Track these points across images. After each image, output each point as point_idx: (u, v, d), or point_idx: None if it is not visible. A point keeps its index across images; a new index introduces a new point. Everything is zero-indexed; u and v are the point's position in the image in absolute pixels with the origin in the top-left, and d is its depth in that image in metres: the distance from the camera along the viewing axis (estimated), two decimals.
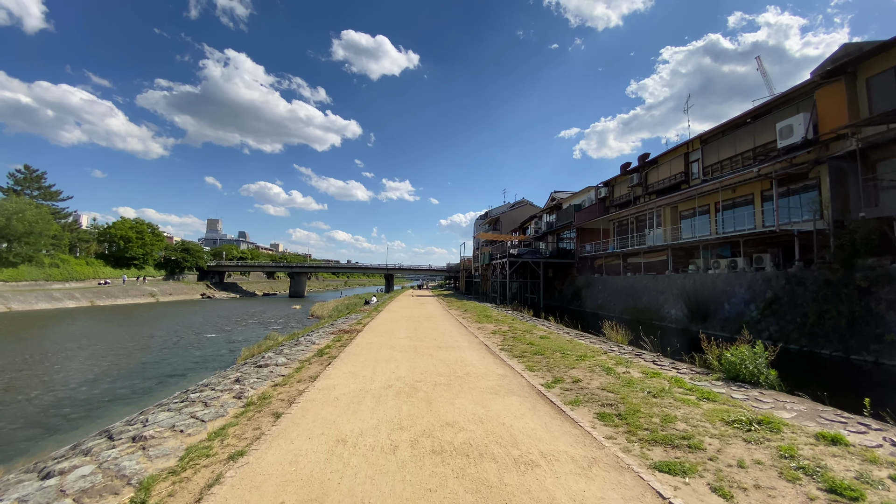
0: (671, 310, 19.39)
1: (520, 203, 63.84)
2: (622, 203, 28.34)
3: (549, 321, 15.08)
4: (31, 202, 54.10)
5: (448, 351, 8.89)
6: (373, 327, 13.21)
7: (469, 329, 12.75)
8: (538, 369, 7.03)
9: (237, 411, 5.16)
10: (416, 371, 6.97)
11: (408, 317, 17.11)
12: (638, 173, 25.99)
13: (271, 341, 19.75)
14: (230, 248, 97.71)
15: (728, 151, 20.13)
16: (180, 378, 13.25)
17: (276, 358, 8.51)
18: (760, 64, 41.70)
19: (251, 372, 7.46)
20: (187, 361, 17.62)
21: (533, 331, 11.62)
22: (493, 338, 10.79)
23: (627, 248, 24.71)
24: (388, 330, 12.56)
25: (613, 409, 4.90)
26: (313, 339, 10.91)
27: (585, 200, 32.09)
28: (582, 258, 29.81)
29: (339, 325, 14.43)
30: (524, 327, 12.44)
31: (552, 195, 39.99)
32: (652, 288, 21.52)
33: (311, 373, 6.98)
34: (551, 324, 14.19)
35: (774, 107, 18.12)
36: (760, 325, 14.81)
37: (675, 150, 23.59)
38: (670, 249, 21.14)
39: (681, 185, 23.07)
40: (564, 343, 9.41)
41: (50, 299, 47.79)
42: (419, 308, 22.63)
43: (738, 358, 6.40)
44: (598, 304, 26.03)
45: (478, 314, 17.53)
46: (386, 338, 10.82)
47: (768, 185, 17.89)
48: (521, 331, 11.61)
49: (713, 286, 17.63)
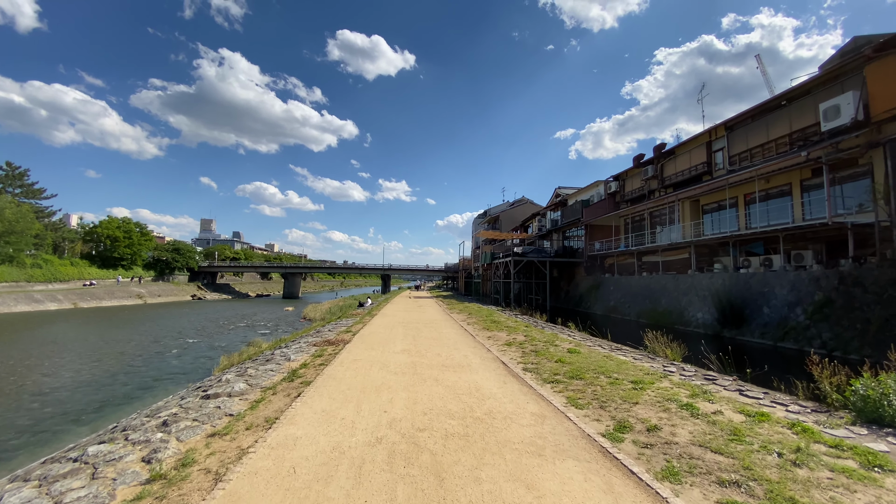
0: (697, 313, 17.50)
1: (520, 201, 61.98)
2: (635, 198, 26.46)
3: (568, 328, 13.11)
4: (13, 200, 51.83)
5: (457, 372, 6.92)
6: (364, 337, 11.23)
7: (477, 339, 10.79)
8: (586, 404, 5.08)
9: (129, 494, 3.18)
10: (418, 409, 4.99)
11: (405, 322, 15.13)
12: (653, 165, 24.09)
13: (254, 348, 18.00)
14: (223, 248, 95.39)
15: (759, 138, 18.26)
16: (136, 400, 11.23)
17: (233, 383, 6.52)
18: (760, 63, 40.26)
19: (193, 406, 5.48)
20: (159, 372, 15.76)
21: (555, 341, 9.67)
22: (509, 351, 8.83)
23: (643, 245, 22.79)
24: (382, 340, 10.58)
25: (746, 494, 2.96)
26: (289, 354, 8.92)
27: (594, 196, 30.15)
28: (591, 257, 27.90)
29: (324, 334, 12.42)
30: (543, 336, 10.49)
31: (556, 191, 38.09)
32: (673, 289, 19.63)
33: (271, 411, 5.00)
34: (573, 331, 12.22)
35: (814, 86, 16.26)
36: (810, 331, 12.93)
37: (696, 140, 21.71)
38: (693, 247, 19.24)
39: (702, 176, 21.19)
40: (602, 360, 7.47)
41: (30, 301, 45.59)
42: (417, 311, 20.64)
43: (877, 391, 4.48)
44: (609, 307, 24.13)
45: (484, 319, 15.58)
46: (378, 352, 8.84)
47: (808, 173, 16.04)
48: (541, 341, 9.66)
49: (747, 287, 15.75)
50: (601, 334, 12.96)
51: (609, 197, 28.19)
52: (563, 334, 11.14)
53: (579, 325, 14.38)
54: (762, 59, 40.67)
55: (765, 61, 35.69)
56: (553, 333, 11.03)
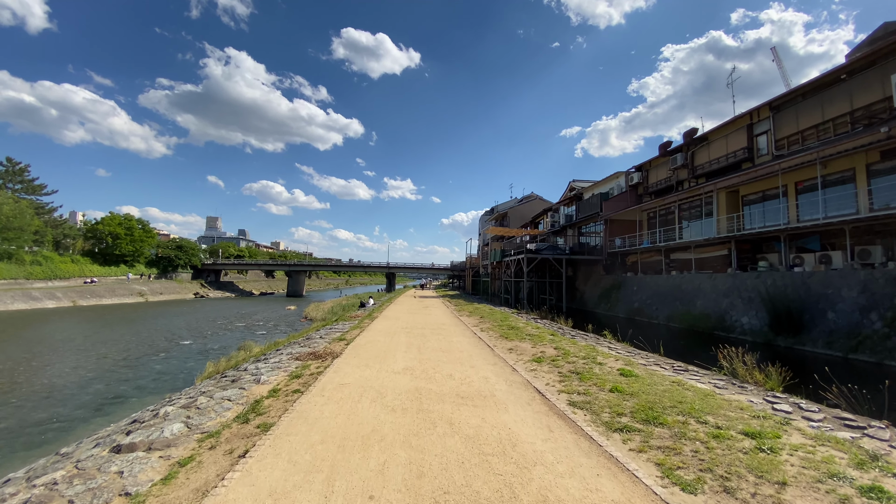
0: (741, 317, 15.37)
1: (528, 197, 59.86)
2: (660, 189, 24.27)
3: (604, 337, 11.06)
4: (12, 196, 50.89)
5: (479, 408, 5.00)
6: (359, 348, 9.33)
7: (496, 351, 8.85)
8: (695, 483, 3.11)
9: None
10: (425, 490, 3.07)
11: (409, 327, 13.24)
12: (683, 153, 21.88)
13: (245, 352, 16.61)
14: (227, 245, 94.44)
15: (811, 118, 16.04)
16: (81, 424, 9.47)
17: (169, 422, 4.66)
18: (776, 55, 38.09)
19: (88, 468, 3.63)
20: (136, 381, 14.50)
21: (596, 357, 7.69)
22: (540, 371, 6.89)
23: (674, 241, 20.61)
24: (380, 353, 8.67)
25: None
26: (263, 371, 7.05)
27: (614, 188, 27.93)
28: (611, 254, 25.75)
29: (314, 342, 10.52)
30: (578, 349, 8.51)
31: (571, 184, 35.89)
32: (709, 289, 17.49)
33: (190, 490, 3.11)
34: (612, 342, 10.15)
35: (880, 56, 14.03)
36: (891, 341, 10.80)
37: (734, 123, 19.49)
38: (734, 242, 17.08)
39: (742, 163, 18.98)
40: (673, 389, 5.49)
41: (28, 299, 44.59)
42: (423, 313, 18.74)
43: None
44: (633, 309, 22.02)
45: (499, 324, 13.63)
46: (373, 371, 6.95)
47: (876, 156, 13.82)
48: (579, 357, 7.69)
49: (805, 288, 13.60)
50: (618, 336, 10.97)
51: (630, 189, 26.02)
52: (600, 346, 9.13)
53: (605, 331, 12.37)
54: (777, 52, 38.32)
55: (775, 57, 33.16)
56: (590, 346, 9.03)
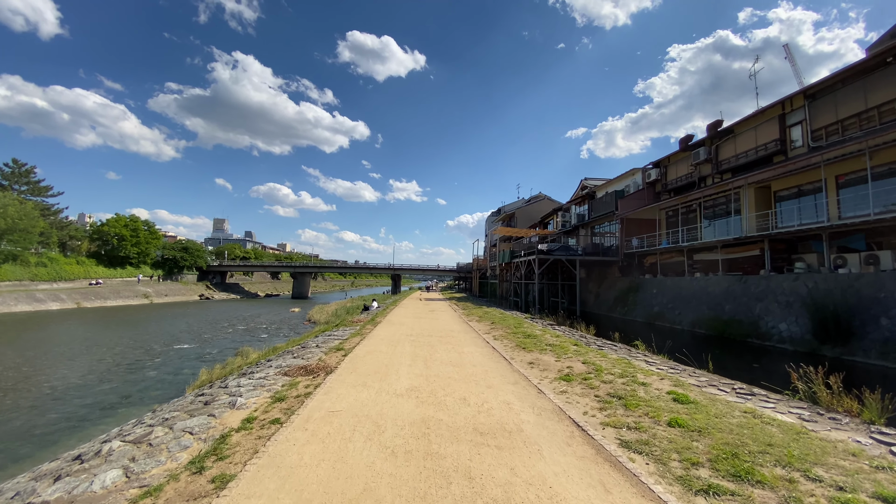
0: (779, 323, 14.01)
1: (536, 198, 58.72)
2: (680, 186, 22.91)
3: (636, 348, 9.79)
4: (17, 197, 50.74)
5: (504, 451, 3.83)
6: (357, 360, 8.21)
7: (515, 365, 7.67)
8: None
9: None
10: None
11: (414, 335, 12.10)
12: (706, 147, 20.52)
13: (242, 358, 15.96)
14: (233, 247, 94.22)
15: (852, 106, 14.66)
16: (78, 430, 8.45)
17: (104, 470, 3.58)
18: (789, 52, 36.65)
19: None
20: (124, 391, 13.66)
21: (636, 374, 6.48)
22: (573, 393, 5.70)
23: (698, 240, 19.24)
24: (381, 367, 7.54)
25: None
26: (239, 393, 5.95)
27: (630, 185, 26.57)
28: (627, 255, 24.41)
29: (308, 351, 9.37)
30: (610, 364, 7.30)
31: (583, 182, 34.54)
32: (740, 293, 16.12)
33: None
34: (650, 355, 8.85)
35: None
36: None
37: (763, 114, 18.11)
38: (768, 242, 15.72)
39: (773, 156, 17.61)
40: (752, 424, 4.28)
41: (32, 301, 44.24)
42: (429, 318, 17.60)
43: None
44: (653, 313, 20.67)
45: (513, 331, 12.43)
46: (371, 392, 5.81)
47: None
48: (615, 375, 6.49)
49: (853, 292, 12.23)
50: (651, 347, 9.72)
51: (648, 186, 24.66)
52: (635, 360, 7.89)
53: (637, 341, 11.12)
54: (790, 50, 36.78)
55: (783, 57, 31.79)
56: (623, 359, 7.80)
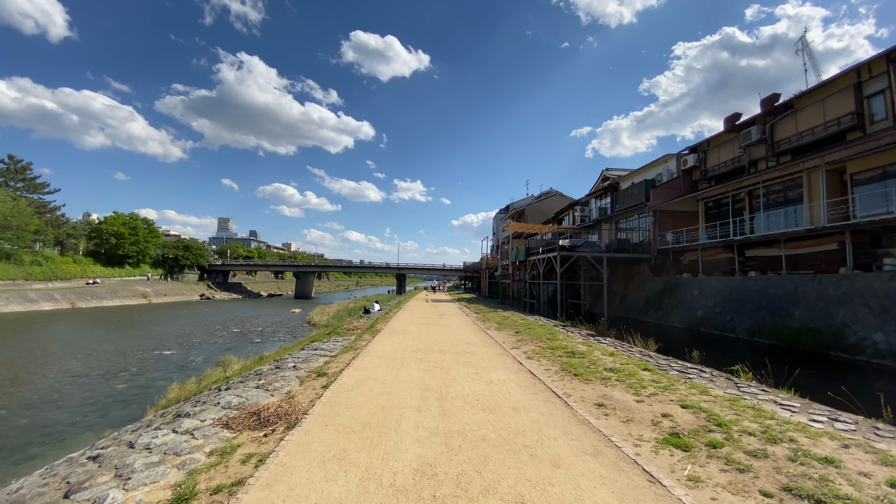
0: (871, 333, 11.25)
1: (547, 193, 56.18)
2: (724, 173, 20.10)
3: (734, 375, 7.00)
4: (10, 194, 49.11)
5: None
6: (341, 397, 5.67)
7: (581, 412, 5.11)
8: None
9: None
10: None
11: (422, 349, 9.56)
12: (758, 126, 17.70)
13: (220, 370, 12.97)
14: (236, 246, 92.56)
15: None
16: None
17: None
18: (805, 45, 33.74)
19: None
20: (89, 405, 11.52)
21: (791, 436, 3.88)
22: (721, 491, 3.13)
23: (753, 233, 16.42)
24: (373, 415, 5.00)
25: None
26: (130, 472, 3.45)
27: (662, 174, 23.75)
28: (661, 251, 21.65)
29: (279, 379, 6.79)
30: (738, 415, 4.69)
31: (604, 174, 31.74)
32: (814, 295, 13.36)
33: None
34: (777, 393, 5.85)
35: None
36: None
37: (833, 83, 15.30)
38: (849, 234, 12.94)
39: (846, 133, 14.82)
40: None
41: (24, 301, 42.49)
42: (438, 324, 15.06)
43: None
44: (695, 318, 17.92)
45: (548, 345, 9.85)
46: (349, 484, 3.26)
47: None
48: (757, 437, 3.90)
49: None
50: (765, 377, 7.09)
51: (684, 175, 21.86)
52: (764, 403, 5.23)
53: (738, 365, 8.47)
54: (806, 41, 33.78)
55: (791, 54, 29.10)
56: (740, 400, 5.14)
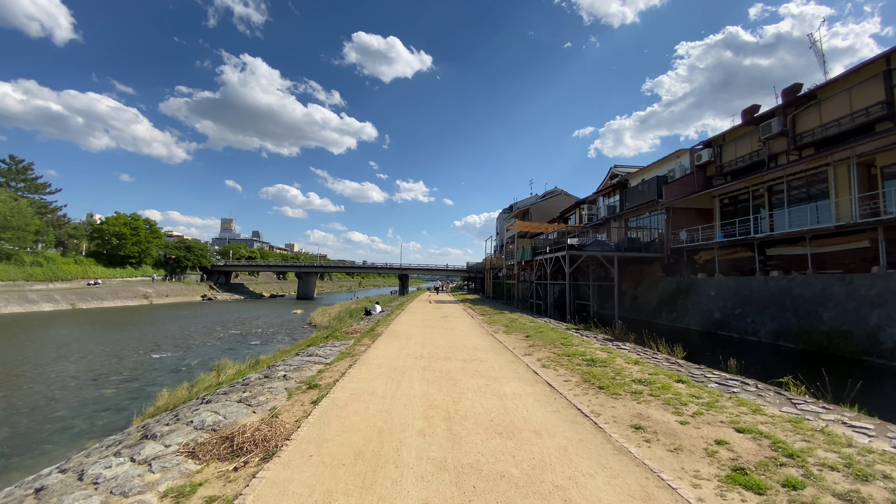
0: None
1: (552, 193, 55.42)
2: (740, 168, 19.24)
3: (784, 387, 6.19)
4: (11, 194, 48.79)
5: None
6: (330, 417, 4.93)
7: (616, 437, 4.34)
8: None
9: None
10: None
11: (426, 356, 8.80)
12: (779, 118, 16.85)
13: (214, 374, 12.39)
14: (238, 246, 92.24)
15: None
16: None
17: None
18: (813, 42, 32.79)
19: None
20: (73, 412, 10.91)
21: (883, 469, 3.11)
22: None
23: (776, 230, 15.54)
24: (368, 441, 4.25)
25: None
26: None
27: (675, 169, 22.87)
28: (675, 251, 20.82)
29: (264, 393, 6.04)
30: (808, 441, 3.92)
31: (612, 171, 30.89)
32: (843, 296, 12.52)
33: None
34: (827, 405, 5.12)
35: None
36: None
37: (860, 72, 14.46)
38: (882, 230, 12.10)
39: (875, 124, 13.97)
40: None
41: (23, 302, 42.06)
42: (443, 328, 14.30)
43: None
44: (712, 320, 17.08)
45: (564, 351, 9.08)
46: None
47: None
48: (839, 472, 3.13)
49: None
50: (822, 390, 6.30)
51: (698, 171, 21.02)
52: (828, 424, 4.46)
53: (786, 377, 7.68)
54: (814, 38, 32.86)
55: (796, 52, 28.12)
56: (803, 421, 4.39)
